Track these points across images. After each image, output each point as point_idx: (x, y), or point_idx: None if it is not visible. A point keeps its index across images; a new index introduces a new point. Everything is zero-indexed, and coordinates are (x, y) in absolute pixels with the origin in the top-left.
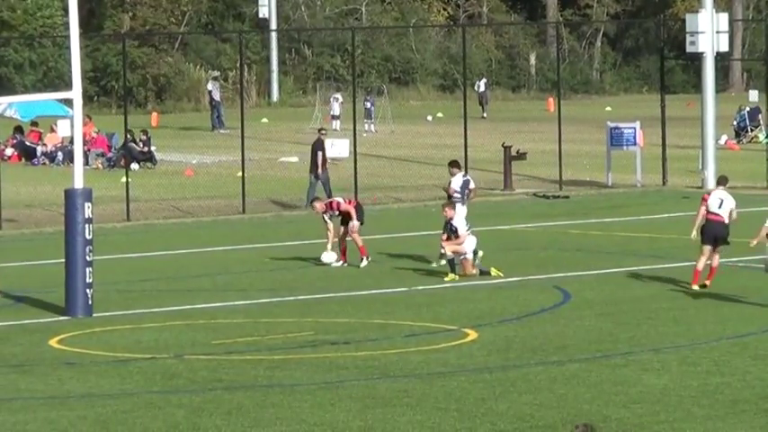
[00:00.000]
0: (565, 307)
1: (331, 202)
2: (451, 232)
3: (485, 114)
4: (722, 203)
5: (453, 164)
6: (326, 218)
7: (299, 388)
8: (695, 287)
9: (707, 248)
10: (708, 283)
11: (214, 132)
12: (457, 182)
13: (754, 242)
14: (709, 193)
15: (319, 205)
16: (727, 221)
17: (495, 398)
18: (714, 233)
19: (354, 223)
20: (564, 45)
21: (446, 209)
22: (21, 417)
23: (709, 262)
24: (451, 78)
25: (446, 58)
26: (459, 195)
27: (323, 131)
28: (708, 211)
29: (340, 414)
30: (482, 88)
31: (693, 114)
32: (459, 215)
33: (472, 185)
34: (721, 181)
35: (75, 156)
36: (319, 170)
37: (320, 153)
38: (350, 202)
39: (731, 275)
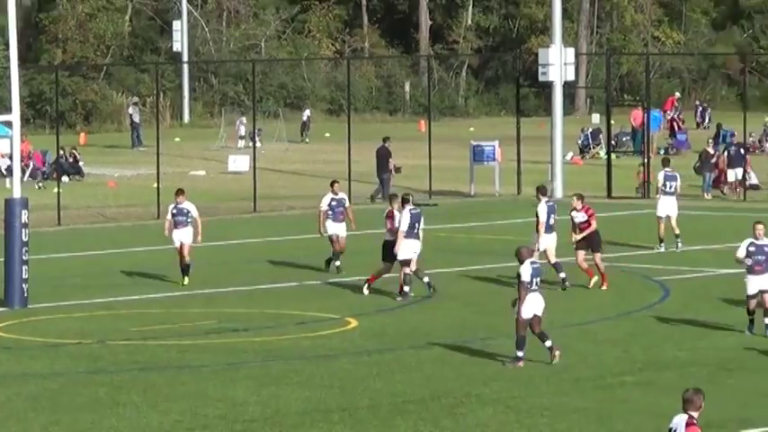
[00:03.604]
0: (433, 299)
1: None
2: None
3: (307, 140)
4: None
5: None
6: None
7: (204, 369)
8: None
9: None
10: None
11: (134, 150)
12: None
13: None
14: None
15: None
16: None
17: (373, 377)
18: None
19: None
20: (434, 75)
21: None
22: None
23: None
24: (338, 104)
25: (333, 86)
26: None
27: (388, 140)
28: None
29: (240, 391)
30: (305, 118)
31: (544, 134)
32: None
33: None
34: (542, 190)
35: (13, 170)
36: (392, 172)
37: (390, 159)
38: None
39: (576, 271)
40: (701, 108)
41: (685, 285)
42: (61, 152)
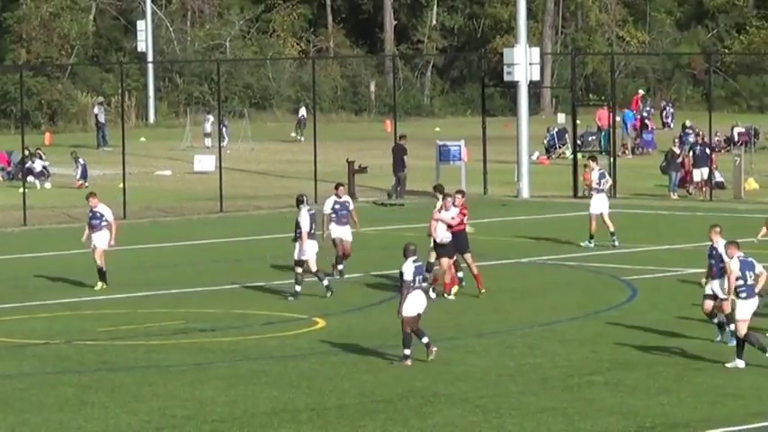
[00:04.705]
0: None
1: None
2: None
3: (302, 138)
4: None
5: None
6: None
7: (172, 369)
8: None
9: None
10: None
11: (99, 149)
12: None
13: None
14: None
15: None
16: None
17: (341, 377)
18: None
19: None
20: (399, 74)
21: None
22: None
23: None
24: (303, 104)
25: (298, 86)
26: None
27: (403, 138)
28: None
29: (208, 391)
30: (300, 115)
31: (510, 134)
32: None
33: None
34: (438, 188)
35: None
36: (406, 170)
37: (405, 157)
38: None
39: (542, 271)
40: (668, 108)
41: (653, 285)
42: (27, 152)
